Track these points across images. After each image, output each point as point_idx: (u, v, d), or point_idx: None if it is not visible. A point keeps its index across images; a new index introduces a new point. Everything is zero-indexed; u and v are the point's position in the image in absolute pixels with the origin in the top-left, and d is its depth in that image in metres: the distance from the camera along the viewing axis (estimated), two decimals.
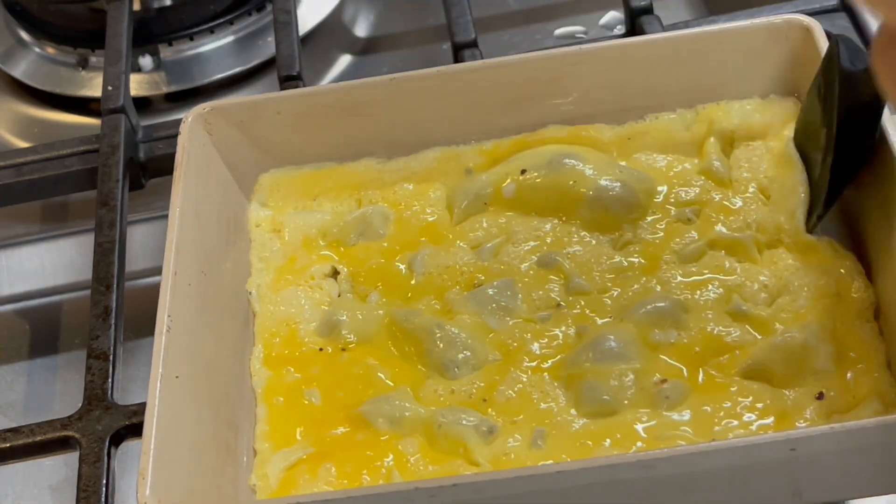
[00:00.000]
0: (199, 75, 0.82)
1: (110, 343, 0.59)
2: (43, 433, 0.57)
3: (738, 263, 0.55)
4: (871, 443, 0.44)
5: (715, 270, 0.55)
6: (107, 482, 0.54)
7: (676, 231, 0.57)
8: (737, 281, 0.55)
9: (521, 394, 0.52)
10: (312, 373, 0.55)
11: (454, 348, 0.54)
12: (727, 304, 0.54)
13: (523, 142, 0.62)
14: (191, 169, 0.58)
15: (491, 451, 0.51)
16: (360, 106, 0.62)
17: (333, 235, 0.61)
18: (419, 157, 0.63)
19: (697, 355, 0.52)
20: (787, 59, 0.60)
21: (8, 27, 0.87)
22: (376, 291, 0.58)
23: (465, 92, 0.62)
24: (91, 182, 0.70)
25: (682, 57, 0.61)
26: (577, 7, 0.85)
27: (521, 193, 0.60)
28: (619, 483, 0.45)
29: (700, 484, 0.45)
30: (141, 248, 0.72)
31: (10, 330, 0.71)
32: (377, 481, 0.50)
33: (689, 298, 0.54)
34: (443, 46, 0.83)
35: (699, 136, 0.61)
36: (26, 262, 0.74)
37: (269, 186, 0.63)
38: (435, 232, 0.60)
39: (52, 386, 0.67)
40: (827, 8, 0.70)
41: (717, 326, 0.53)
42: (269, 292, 0.59)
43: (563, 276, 0.57)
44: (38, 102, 0.84)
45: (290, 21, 0.75)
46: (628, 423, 0.50)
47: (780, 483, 0.46)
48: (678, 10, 0.84)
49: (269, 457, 0.53)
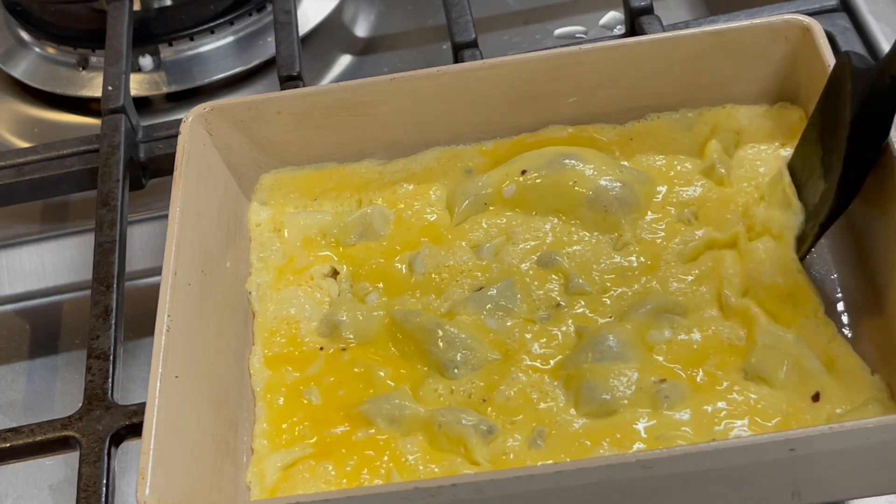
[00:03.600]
0: (199, 75, 0.82)
1: (110, 343, 0.59)
2: (43, 433, 0.57)
3: (736, 264, 0.55)
4: (871, 443, 0.44)
5: (713, 270, 0.55)
6: (107, 482, 0.54)
7: (676, 231, 0.57)
8: (734, 280, 0.55)
9: (521, 394, 0.52)
10: (312, 372, 0.55)
11: (454, 348, 0.54)
12: (725, 304, 0.54)
13: (524, 142, 0.62)
14: (191, 169, 0.58)
15: (490, 450, 0.51)
16: (360, 106, 0.62)
17: (334, 235, 0.61)
18: (419, 158, 0.63)
19: (696, 355, 0.52)
20: (787, 58, 0.60)
21: (8, 27, 0.87)
22: (376, 291, 0.58)
23: (465, 92, 0.62)
24: (91, 182, 0.70)
25: (681, 57, 0.61)
26: (577, 7, 0.85)
27: (521, 194, 0.60)
28: (619, 483, 0.45)
29: (700, 484, 0.45)
30: (141, 248, 0.72)
31: (10, 330, 0.71)
32: (376, 481, 0.51)
33: (688, 298, 0.54)
34: (443, 46, 0.83)
35: (701, 138, 0.61)
36: (26, 262, 0.74)
37: (269, 186, 0.63)
38: (435, 232, 0.60)
39: (52, 386, 0.67)
40: (827, 8, 0.70)
41: (715, 326, 0.53)
42: (270, 292, 0.59)
43: (562, 276, 0.57)
44: (39, 102, 0.84)
45: (290, 21, 0.75)
46: (628, 422, 0.50)
47: (780, 483, 0.46)
48: (678, 10, 0.84)
49: (266, 455, 0.53)
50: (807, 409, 0.49)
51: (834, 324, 0.52)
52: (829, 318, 0.52)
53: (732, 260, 0.55)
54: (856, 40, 0.68)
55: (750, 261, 0.55)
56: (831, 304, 0.54)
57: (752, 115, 0.61)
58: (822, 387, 0.50)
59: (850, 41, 0.68)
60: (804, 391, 0.50)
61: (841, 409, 0.49)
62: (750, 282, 0.54)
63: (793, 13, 0.60)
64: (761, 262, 0.54)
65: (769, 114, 0.61)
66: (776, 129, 0.60)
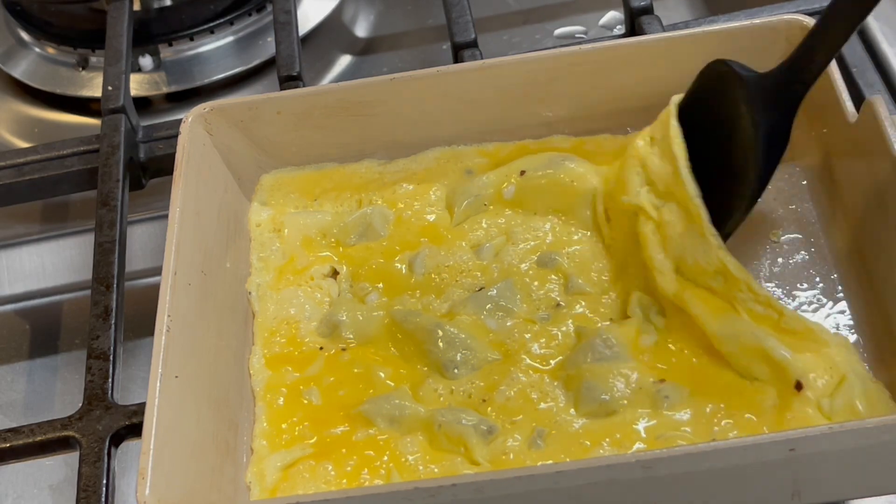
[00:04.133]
0: (199, 75, 0.82)
1: (110, 343, 0.59)
2: (43, 433, 0.57)
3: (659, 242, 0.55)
4: (871, 443, 0.44)
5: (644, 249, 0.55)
6: (107, 482, 0.54)
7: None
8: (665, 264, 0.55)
9: (521, 394, 0.53)
10: (312, 372, 0.55)
11: (454, 348, 0.54)
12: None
13: (527, 148, 0.62)
14: (191, 169, 0.58)
15: (490, 450, 0.51)
16: (360, 106, 0.62)
17: (334, 235, 0.61)
18: (419, 158, 0.63)
19: (690, 354, 0.52)
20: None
21: (8, 27, 0.87)
22: (376, 291, 0.58)
23: (465, 92, 0.62)
24: (91, 182, 0.70)
25: (681, 57, 0.61)
26: (577, 7, 0.85)
27: (520, 194, 0.60)
28: (619, 483, 0.45)
29: (700, 484, 0.45)
30: (141, 248, 0.72)
31: (10, 330, 0.71)
32: (376, 481, 0.51)
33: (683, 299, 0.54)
34: (443, 46, 0.83)
35: None
36: (26, 262, 0.74)
37: (270, 186, 0.63)
38: (435, 232, 0.60)
39: (52, 386, 0.67)
40: None
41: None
42: (270, 292, 0.59)
43: (562, 276, 0.57)
44: (38, 102, 0.84)
45: (290, 21, 0.75)
46: (628, 422, 0.50)
47: (780, 483, 0.46)
48: (678, 10, 0.84)
49: (266, 455, 0.53)
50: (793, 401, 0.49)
51: (769, 294, 0.52)
52: (761, 288, 0.52)
53: (655, 237, 0.55)
54: (856, 40, 0.68)
55: (668, 237, 0.55)
56: (832, 303, 0.54)
57: None
58: (798, 373, 0.50)
59: (850, 41, 0.68)
60: (787, 383, 0.50)
61: (822, 380, 0.49)
62: (676, 261, 0.54)
63: (793, 13, 0.60)
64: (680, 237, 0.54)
65: None
66: None
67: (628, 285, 0.55)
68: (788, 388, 0.50)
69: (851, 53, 0.67)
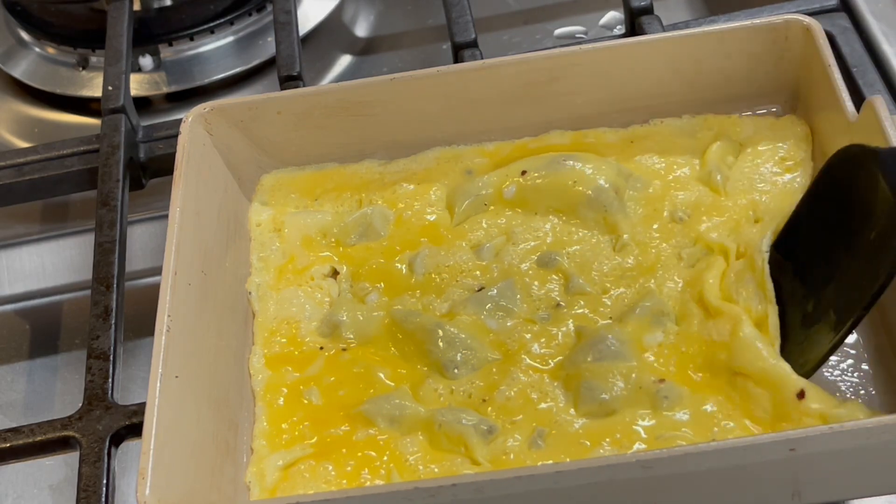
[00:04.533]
0: (199, 75, 0.82)
1: (110, 343, 0.59)
2: (43, 433, 0.57)
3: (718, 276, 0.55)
4: (871, 443, 0.44)
5: (706, 271, 0.55)
6: (107, 482, 0.54)
7: (671, 233, 0.57)
8: (728, 282, 0.54)
9: (521, 394, 0.53)
10: (312, 372, 0.55)
11: (454, 348, 0.54)
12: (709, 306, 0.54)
13: (526, 147, 0.62)
14: (191, 169, 0.58)
15: (490, 450, 0.51)
16: (360, 106, 0.62)
17: (334, 235, 0.61)
18: (419, 158, 0.63)
19: (689, 355, 0.52)
20: (787, 58, 0.60)
21: (8, 27, 0.87)
22: (376, 291, 0.58)
23: (465, 92, 0.62)
24: (91, 182, 0.70)
25: (681, 57, 0.61)
26: (577, 7, 0.85)
27: (521, 194, 0.60)
28: (619, 483, 0.45)
29: (700, 484, 0.45)
30: (141, 248, 0.72)
31: (10, 330, 0.71)
32: (377, 481, 0.51)
33: (683, 299, 0.54)
34: (443, 46, 0.83)
35: (704, 144, 0.61)
36: (26, 262, 0.74)
37: (270, 187, 0.63)
38: (435, 232, 0.60)
39: (52, 386, 0.67)
40: (827, 8, 0.70)
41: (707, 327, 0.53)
42: (270, 292, 0.59)
43: (562, 276, 0.57)
44: (38, 102, 0.84)
45: (290, 21, 0.75)
46: (627, 422, 0.50)
47: (780, 483, 0.46)
48: (678, 10, 0.84)
49: (266, 455, 0.53)
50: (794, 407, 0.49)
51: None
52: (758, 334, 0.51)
53: (718, 270, 0.55)
54: (856, 40, 0.68)
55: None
56: None
57: (758, 126, 0.61)
58: (803, 384, 0.50)
59: (850, 41, 0.68)
60: (790, 390, 0.50)
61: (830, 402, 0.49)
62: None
63: (793, 13, 0.60)
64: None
65: (775, 126, 0.60)
66: (781, 142, 0.60)
67: None
68: (790, 397, 0.50)
69: (851, 53, 0.67)
